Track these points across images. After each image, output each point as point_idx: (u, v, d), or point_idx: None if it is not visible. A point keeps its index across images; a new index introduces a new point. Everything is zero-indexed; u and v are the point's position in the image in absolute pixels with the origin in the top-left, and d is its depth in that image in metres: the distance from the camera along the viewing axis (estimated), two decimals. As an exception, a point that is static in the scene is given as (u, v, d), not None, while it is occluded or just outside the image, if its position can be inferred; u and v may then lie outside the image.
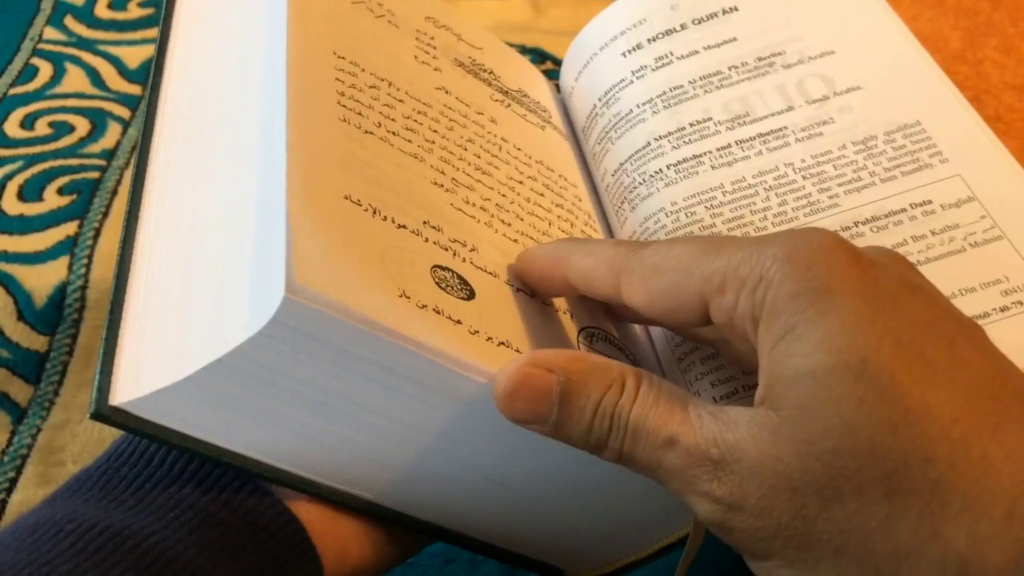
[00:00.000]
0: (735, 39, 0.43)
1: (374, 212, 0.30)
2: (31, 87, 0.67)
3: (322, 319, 0.26)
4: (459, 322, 0.29)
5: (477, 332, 0.29)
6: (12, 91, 0.66)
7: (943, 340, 0.25)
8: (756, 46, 0.43)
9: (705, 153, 0.40)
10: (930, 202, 0.37)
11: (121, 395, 0.27)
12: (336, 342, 0.27)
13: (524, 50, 0.72)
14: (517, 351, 0.30)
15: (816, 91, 0.41)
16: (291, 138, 0.30)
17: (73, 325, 0.53)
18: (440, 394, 0.28)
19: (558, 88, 0.50)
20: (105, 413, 0.27)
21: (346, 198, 0.30)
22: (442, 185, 0.34)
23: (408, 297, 0.28)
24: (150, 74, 0.36)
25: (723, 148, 0.40)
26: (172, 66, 0.37)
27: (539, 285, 0.33)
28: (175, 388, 0.27)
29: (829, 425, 0.24)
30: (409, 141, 0.35)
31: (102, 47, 0.71)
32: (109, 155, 0.62)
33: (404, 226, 0.31)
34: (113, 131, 0.64)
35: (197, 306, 0.29)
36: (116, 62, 0.70)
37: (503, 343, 0.30)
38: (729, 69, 0.43)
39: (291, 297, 0.25)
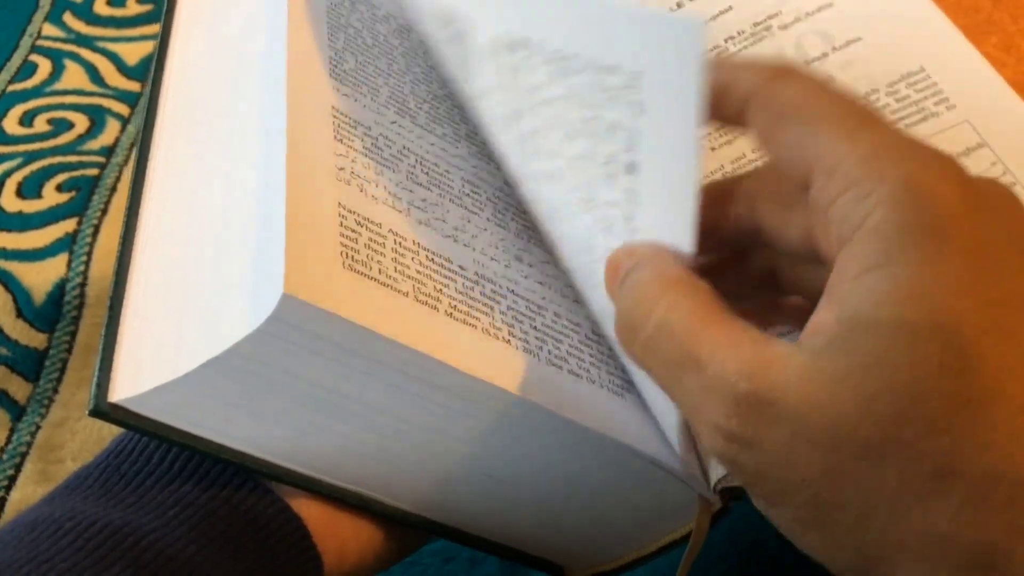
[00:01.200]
0: (731, 8, 0.43)
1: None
2: (30, 84, 0.67)
3: (321, 316, 0.26)
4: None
5: None
6: (11, 88, 0.66)
7: None
8: (752, 11, 0.42)
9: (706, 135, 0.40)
10: None
11: (120, 392, 0.27)
12: (335, 339, 0.26)
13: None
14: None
15: (815, 49, 0.40)
16: (291, 138, 0.30)
17: (72, 322, 0.53)
18: (440, 390, 0.28)
19: None
20: (104, 410, 0.27)
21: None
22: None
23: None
24: (151, 70, 0.36)
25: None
26: (173, 63, 0.37)
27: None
28: (174, 385, 0.27)
29: (900, 386, 0.22)
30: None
31: (101, 44, 0.71)
32: (108, 152, 0.62)
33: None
34: (112, 128, 0.64)
35: (197, 303, 0.28)
36: (115, 59, 0.70)
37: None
38: (726, 41, 0.42)
39: (290, 294, 0.25)
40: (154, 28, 0.71)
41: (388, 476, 0.31)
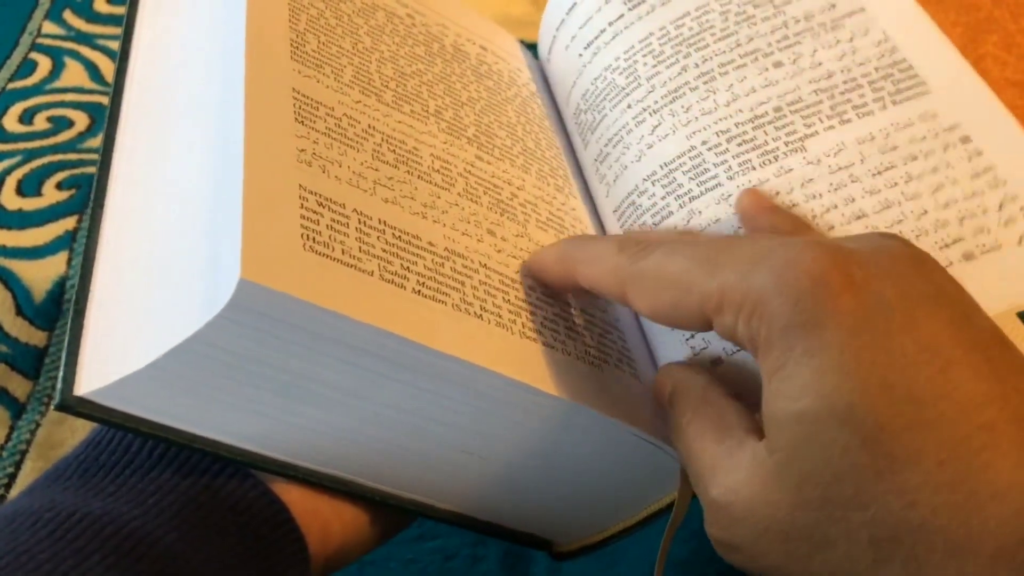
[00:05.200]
0: None
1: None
2: (30, 81, 0.67)
3: (280, 299, 0.26)
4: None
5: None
6: (11, 85, 0.66)
7: (936, 366, 0.24)
8: None
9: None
10: None
11: (86, 385, 0.27)
12: (297, 322, 0.26)
13: (523, 45, 0.72)
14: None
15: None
16: (249, 123, 0.30)
17: (72, 319, 0.53)
18: (409, 369, 0.28)
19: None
20: (70, 404, 0.27)
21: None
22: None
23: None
24: (116, 60, 0.36)
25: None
26: (137, 53, 0.36)
27: (556, 287, 0.33)
28: (138, 375, 0.27)
29: (816, 471, 0.24)
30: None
31: (101, 41, 0.71)
32: (108, 149, 0.62)
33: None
34: (112, 125, 0.64)
35: (160, 292, 0.28)
36: (115, 56, 0.70)
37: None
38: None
39: (248, 280, 0.25)
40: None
41: (365, 458, 0.31)
